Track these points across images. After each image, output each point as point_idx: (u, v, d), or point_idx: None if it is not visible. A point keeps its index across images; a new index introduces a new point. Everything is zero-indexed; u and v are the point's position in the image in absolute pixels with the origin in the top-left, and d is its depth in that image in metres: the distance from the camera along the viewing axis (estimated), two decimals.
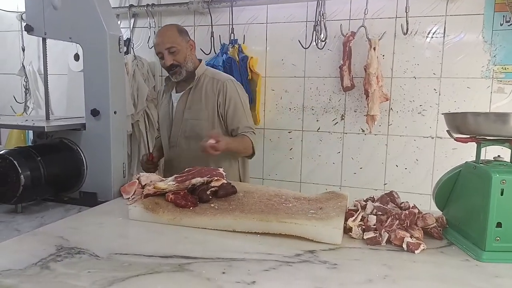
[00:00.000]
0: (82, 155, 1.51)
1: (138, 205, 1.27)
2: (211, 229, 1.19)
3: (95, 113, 1.48)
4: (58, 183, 1.47)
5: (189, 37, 1.92)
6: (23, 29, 1.57)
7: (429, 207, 2.39)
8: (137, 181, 1.51)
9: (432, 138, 2.44)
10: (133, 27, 2.96)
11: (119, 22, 2.96)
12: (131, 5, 2.88)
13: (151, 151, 2.13)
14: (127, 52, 2.82)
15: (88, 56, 1.50)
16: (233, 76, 2.14)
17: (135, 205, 1.27)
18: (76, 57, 2.80)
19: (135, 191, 1.48)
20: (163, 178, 1.51)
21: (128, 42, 2.84)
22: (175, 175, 1.45)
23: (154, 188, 1.36)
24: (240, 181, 1.98)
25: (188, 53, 1.87)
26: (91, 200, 1.48)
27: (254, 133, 1.90)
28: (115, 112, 1.50)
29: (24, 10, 1.56)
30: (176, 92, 1.93)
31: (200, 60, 1.96)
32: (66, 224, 1.21)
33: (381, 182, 2.57)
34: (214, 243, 1.09)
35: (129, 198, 1.46)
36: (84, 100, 1.52)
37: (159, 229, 1.18)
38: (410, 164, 2.50)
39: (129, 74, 2.66)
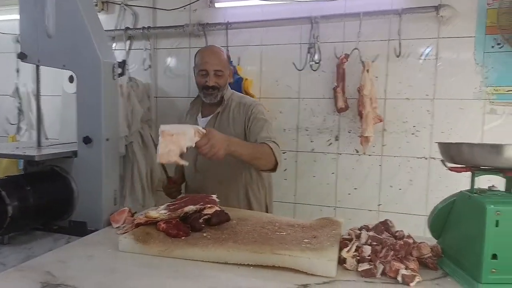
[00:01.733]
0: (73, 183, 1.49)
1: (128, 236, 1.24)
2: (203, 261, 1.16)
3: (87, 140, 1.46)
4: (48, 213, 1.44)
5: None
6: (17, 56, 1.56)
7: (423, 229, 2.37)
8: (127, 209, 1.48)
9: (426, 158, 2.44)
10: (128, 49, 2.98)
11: (114, 44, 2.98)
12: (127, 28, 2.90)
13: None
14: (122, 74, 2.80)
15: (82, 84, 1.50)
16: None
17: (126, 236, 1.25)
18: (71, 79, 2.79)
19: (125, 219, 1.45)
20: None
21: (123, 64, 2.84)
22: (168, 203, 1.43)
23: (145, 217, 1.34)
24: (266, 205, 1.96)
25: (228, 80, 1.87)
26: (80, 229, 1.45)
27: (277, 144, 1.70)
28: (107, 139, 1.49)
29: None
30: (202, 117, 1.89)
31: None
32: (53, 257, 1.17)
33: (375, 203, 2.56)
34: (207, 278, 1.06)
35: (118, 227, 1.44)
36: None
37: (150, 262, 1.15)
38: (404, 185, 2.49)
39: (124, 96, 2.65)
